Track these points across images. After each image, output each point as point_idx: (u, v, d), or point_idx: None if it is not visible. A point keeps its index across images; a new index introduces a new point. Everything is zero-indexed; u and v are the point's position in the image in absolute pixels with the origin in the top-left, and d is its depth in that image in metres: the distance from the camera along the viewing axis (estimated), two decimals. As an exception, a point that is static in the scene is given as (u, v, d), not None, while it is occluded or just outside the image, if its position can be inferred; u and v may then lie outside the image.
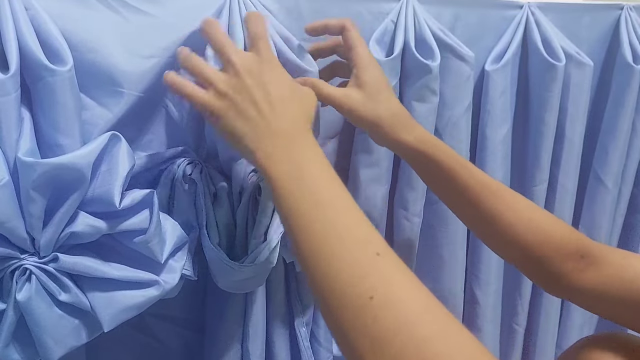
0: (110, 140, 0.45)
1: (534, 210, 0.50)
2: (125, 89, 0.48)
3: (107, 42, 0.47)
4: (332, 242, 0.35)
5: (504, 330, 0.82)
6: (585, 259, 0.47)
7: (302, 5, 0.55)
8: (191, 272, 0.52)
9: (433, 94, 0.61)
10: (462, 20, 0.65)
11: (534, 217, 0.49)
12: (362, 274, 0.33)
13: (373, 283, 0.32)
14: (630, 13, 0.74)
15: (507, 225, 0.49)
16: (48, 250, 0.44)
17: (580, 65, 0.70)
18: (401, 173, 0.65)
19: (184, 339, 0.64)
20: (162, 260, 0.47)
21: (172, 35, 0.49)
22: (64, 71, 0.43)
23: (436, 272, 0.71)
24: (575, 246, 0.47)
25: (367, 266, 0.33)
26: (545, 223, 0.49)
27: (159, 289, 0.47)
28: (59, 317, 0.45)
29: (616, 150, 0.76)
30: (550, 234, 0.48)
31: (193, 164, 0.52)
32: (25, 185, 0.41)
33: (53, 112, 0.44)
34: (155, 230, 0.46)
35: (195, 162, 0.52)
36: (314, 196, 0.37)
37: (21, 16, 0.42)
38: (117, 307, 0.46)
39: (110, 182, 0.44)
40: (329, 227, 0.35)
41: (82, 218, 0.44)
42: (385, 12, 0.60)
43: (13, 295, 0.43)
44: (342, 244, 0.35)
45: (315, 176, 0.38)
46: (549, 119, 0.70)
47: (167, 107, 0.53)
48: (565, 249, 0.47)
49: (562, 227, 0.49)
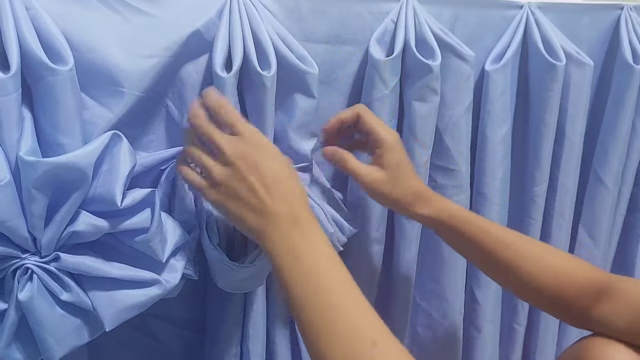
0: (112, 139, 0.45)
1: (550, 255, 0.53)
2: (126, 89, 0.48)
3: (108, 42, 0.47)
4: (329, 330, 0.37)
5: (504, 330, 0.82)
6: (601, 292, 0.49)
7: (303, 5, 0.55)
8: (192, 271, 0.52)
9: (434, 94, 0.61)
10: (462, 20, 0.65)
11: (551, 262, 0.52)
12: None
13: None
14: (630, 13, 0.74)
15: (526, 274, 0.52)
16: (50, 249, 0.44)
17: (580, 65, 0.70)
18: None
19: (185, 340, 0.64)
20: (164, 259, 0.47)
21: (172, 35, 0.49)
22: (65, 71, 0.43)
23: (436, 272, 0.71)
24: (592, 282, 0.50)
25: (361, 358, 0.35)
26: (561, 266, 0.52)
27: (161, 288, 0.47)
28: (61, 317, 0.45)
29: (616, 150, 0.76)
30: (567, 277, 0.51)
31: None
32: (26, 185, 0.41)
33: (54, 112, 0.44)
34: (156, 229, 0.46)
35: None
36: (313, 284, 0.40)
37: (22, 16, 0.43)
38: (118, 306, 0.46)
39: (111, 181, 0.44)
40: (327, 316, 0.38)
41: (84, 217, 0.44)
42: (385, 12, 0.60)
43: (15, 295, 0.43)
44: (338, 334, 0.37)
45: (315, 264, 0.41)
46: (549, 119, 0.70)
47: (167, 106, 0.53)
48: (582, 287, 0.50)
49: (578, 267, 0.51)
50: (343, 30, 0.58)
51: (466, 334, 0.77)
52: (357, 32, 0.59)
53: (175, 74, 0.52)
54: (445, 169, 0.67)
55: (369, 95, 0.60)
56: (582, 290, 0.50)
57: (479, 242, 0.53)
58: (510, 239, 0.53)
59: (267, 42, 0.51)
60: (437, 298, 0.72)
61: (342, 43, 0.59)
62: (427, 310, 0.73)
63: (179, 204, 0.52)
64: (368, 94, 0.60)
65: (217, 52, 0.50)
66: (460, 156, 0.66)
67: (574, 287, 0.50)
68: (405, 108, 0.62)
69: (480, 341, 0.77)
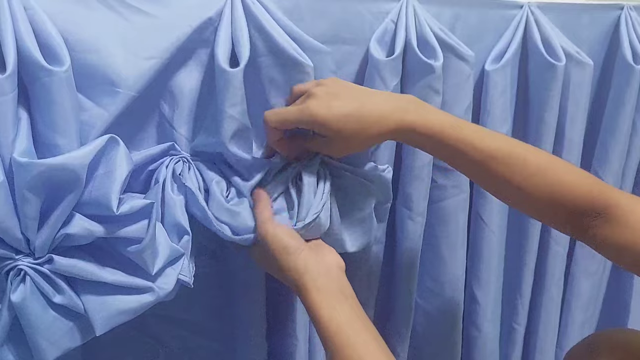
0: (108, 143, 0.44)
1: (547, 170, 0.49)
2: (122, 89, 0.47)
3: (107, 42, 0.47)
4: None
5: (504, 330, 0.82)
6: (601, 216, 0.47)
7: (302, 5, 0.55)
8: (188, 277, 0.51)
9: (436, 94, 0.60)
10: (462, 20, 0.65)
11: (547, 178, 0.49)
12: None
13: None
14: (630, 13, 0.74)
15: (517, 190, 0.49)
16: (43, 251, 0.44)
17: (580, 65, 0.70)
18: (404, 170, 0.65)
19: (183, 340, 0.63)
20: (153, 272, 0.46)
21: (171, 36, 0.49)
22: (61, 71, 0.43)
23: (436, 272, 0.71)
24: (591, 202, 0.47)
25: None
26: (558, 183, 0.48)
27: (154, 295, 0.47)
28: (53, 319, 0.45)
29: (616, 150, 0.76)
30: (564, 193, 0.48)
31: (181, 162, 0.52)
32: (19, 186, 0.41)
33: (50, 113, 0.44)
34: (149, 241, 0.45)
35: (183, 159, 0.52)
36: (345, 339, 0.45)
37: (20, 16, 0.42)
38: (110, 311, 0.46)
39: (107, 185, 0.43)
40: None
41: (78, 220, 0.44)
42: (385, 12, 0.60)
43: (7, 296, 0.43)
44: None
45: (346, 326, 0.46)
46: (549, 119, 0.70)
47: (161, 107, 0.53)
48: (580, 205, 0.48)
49: (577, 182, 0.49)
50: (343, 30, 0.58)
51: (466, 333, 0.77)
52: (357, 32, 0.59)
53: (172, 75, 0.51)
54: (446, 169, 0.67)
55: (368, 95, 0.59)
56: (579, 208, 0.48)
57: (467, 158, 0.49)
58: (503, 151, 0.49)
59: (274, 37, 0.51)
60: (437, 297, 0.72)
61: (342, 43, 0.59)
62: (427, 310, 0.73)
63: (168, 209, 0.51)
64: (368, 94, 0.59)
65: (219, 47, 0.49)
66: (460, 156, 0.66)
67: (571, 204, 0.48)
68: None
69: (480, 341, 0.77)
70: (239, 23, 0.50)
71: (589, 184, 0.49)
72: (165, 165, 0.51)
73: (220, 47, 0.49)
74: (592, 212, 0.47)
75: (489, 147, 0.49)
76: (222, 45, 0.49)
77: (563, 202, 0.48)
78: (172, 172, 0.51)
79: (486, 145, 0.49)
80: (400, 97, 0.52)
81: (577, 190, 0.48)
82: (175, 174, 0.51)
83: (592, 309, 0.88)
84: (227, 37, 0.50)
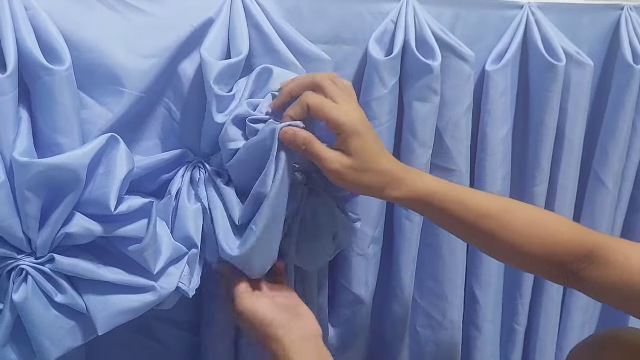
0: (108, 142, 0.44)
1: (536, 224, 0.50)
2: (126, 89, 0.48)
3: (108, 41, 0.47)
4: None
5: (504, 330, 0.82)
6: (588, 258, 0.48)
7: (302, 5, 0.55)
8: (187, 286, 0.50)
9: (434, 94, 0.60)
10: (462, 20, 0.65)
11: (537, 232, 0.50)
12: None
13: None
14: (630, 13, 0.74)
15: (510, 246, 0.49)
16: (44, 250, 0.44)
17: (580, 65, 0.70)
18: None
19: (186, 342, 0.63)
20: (155, 271, 0.46)
21: (172, 35, 0.49)
22: (62, 70, 0.43)
23: (436, 272, 0.71)
24: (579, 247, 0.48)
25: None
26: (548, 235, 0.49)
27: (155, 294, 0.47)
28: (55, 318, 0.45)
29: (616, 151, 0.76)
30: (555, 244, 0.49)
31: (197, 168, 0.52)
32: (20, 185, 0.41)
33: (51, 112, 0.44)
34: (150, 240, 0.45)
35: (198, 166, 0.52)
36: None
37: (20, 15, 0.43)
38: (111, 310, 0.46)
39: (107, 184, 0.43)
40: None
41: (78, 219, 0.44)
42: (385, 12, 0.60)
43: (9, 296, 0.43)
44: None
45: None
46: (549, 119, 0.70)
47: (166, 107, 0.53)
48: (571, 253, 0.48)
49: (567, 232, 0.49)
50: (343, 30, 0.58)
51: (466, 333, 0.77)
52: (357, 32, 0.59)
53: (174, 73, 0.51)
54: (445, 169, 0.67)
55: (367, 94, 0.59)
56: (570, 257, 0.48)
57: (457, 218, 0.50)
58: (492, 208, 0.50)
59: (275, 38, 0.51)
60: (437, 297, 0.71)
61: (342, 43, 0.59)
62: (426, 310, 0.73)
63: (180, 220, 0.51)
64: (367, 94, 0.60)
65: (211, 43, 0.49)
66: (460, 156, 0.66)
67: (562, 253, 0.48)
68: (405, 108, 0.62)
69: (480, 341, 0.77)
70: (238, 23, 0.50)
71: (579, 233, 0.49)
72: (180, 175, 0.52)
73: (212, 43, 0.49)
74: (583, 258, 0.48)
75: (478, 206, 0.50)
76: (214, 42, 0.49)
77: (555, 252, 0.49)
78: (190, 178, 0.51)
79: (475, 205, 0.50)
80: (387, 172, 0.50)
81: (568, 240, 0.49)
82: (194, 179, 0.51)
83: (592, 310, 0.88)
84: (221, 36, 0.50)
